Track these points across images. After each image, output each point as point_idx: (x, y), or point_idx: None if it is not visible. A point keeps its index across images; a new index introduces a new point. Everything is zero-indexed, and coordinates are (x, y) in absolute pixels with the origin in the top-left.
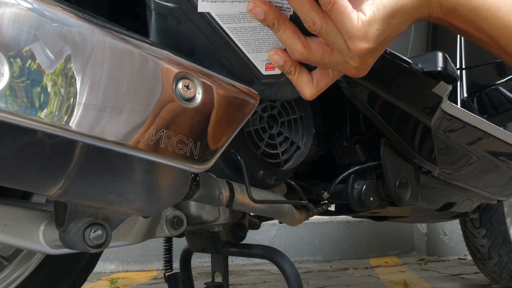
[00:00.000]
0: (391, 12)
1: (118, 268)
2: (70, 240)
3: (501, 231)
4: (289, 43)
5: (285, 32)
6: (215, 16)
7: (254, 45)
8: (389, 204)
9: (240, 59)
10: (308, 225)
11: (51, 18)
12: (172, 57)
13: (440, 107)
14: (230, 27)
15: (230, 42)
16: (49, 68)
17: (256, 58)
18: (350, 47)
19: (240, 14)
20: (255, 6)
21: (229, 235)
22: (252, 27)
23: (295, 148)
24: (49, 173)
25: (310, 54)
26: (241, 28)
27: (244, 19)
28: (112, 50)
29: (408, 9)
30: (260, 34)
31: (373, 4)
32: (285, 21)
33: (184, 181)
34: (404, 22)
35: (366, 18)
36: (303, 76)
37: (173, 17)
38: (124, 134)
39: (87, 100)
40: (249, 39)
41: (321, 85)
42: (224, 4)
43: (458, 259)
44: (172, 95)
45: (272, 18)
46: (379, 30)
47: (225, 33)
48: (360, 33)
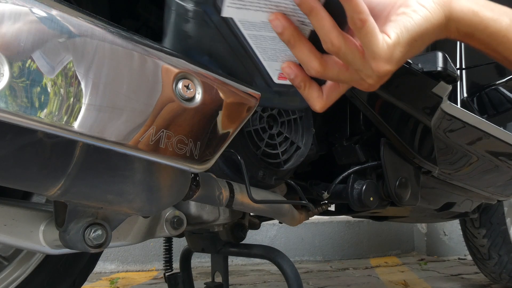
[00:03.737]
0: (414, 36)
1: (118, 268)
2: (70, 240)
3: (501, 231)
4: (304, 61)
5: (301, 50)
6: (238, 22)
7: (270, 54)
8: (389, 204)
9: (255, 65)
10: (308, 225)
11: (51, 18)
12: (172, 57)
13: (440, 107)
14: (250, 34)
15: (248, 48)
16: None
17: (271, 66)
18: (373, 67)
19: (262, 22)
20: (275, 19)
21: (229, 235)
22: (271, 36)
23: (295, 148)
24: (49, 173)
25: (326, 71)
26: (260, 36)
27: (265, 28)
28: (112, 50)
29: (429, 33)
30: (278, 44)
31: (397, 27)
32: (301, 39)
33: (184, 181)
34: (424, 44)
35: (391, 41)
36: (313, 91)
37: (195, 19)
38: (124, 134)
39: (87, 100)
40: (267, 48)
41: (331, 98)
42: (249, 11)
43: (458, 259)
44: (172, 95)
45: (289, 35)
46: (402, 52)
47: (244, 39)
48: (385, 55)
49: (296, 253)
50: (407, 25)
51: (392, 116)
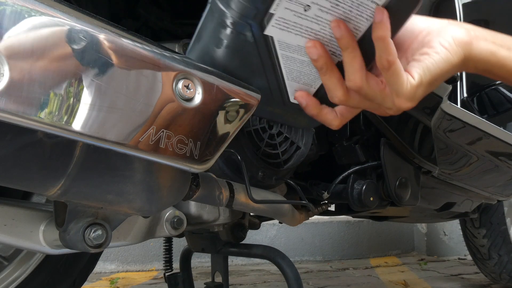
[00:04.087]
0: (435, 77)
1: (118, 268)
2: (70, 240)
3: (501, 231)
4: (331, 88)
5: (331, 78)
6: (276, 41)
7: (295, 75)
8: (389, 204)
9: (277, 82)
10: (308, 225)
11: (51, 18)
12: (172, 57)
13: (440, 107)
14: (283, 54)
15: (277, 66)
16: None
17: (291, 86)
18: (395, 103)
19: (298, 46)
20: (312, 47)
21: (229, 235)
22: (301, 60)
23: (295, 148)
24: (49, 173)
25: (348, 101)
26: (292, 58)
27: (298, 52)
28: (112, 50)
29: (448, 72)
30: (305, 68)
31: (420, 68)
32: (333, 68)
33: (184, 181)
34: (442, 81)
35: (415, 82)
36: (326, 116)
37: (236, 30)
38: (124, 134)
39: (87, 100)
40: (293, 69)
41: (346, 116)
42: (290, 34)
43: (458, 259)
44: (172, 95)
45: (322, 63)
46: (424, 91)
47: (276, 57)
48: (408, 94)
49: (296, 253)
50: (430, 66)
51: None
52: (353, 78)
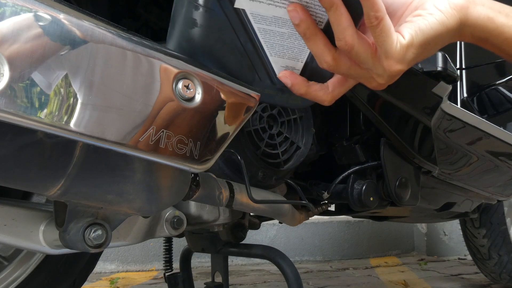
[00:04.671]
0: (428, 38)
1: (118, 268)
2: (70, 240)
3: (501, 231)
4: (319, 54)
5: (316, 43)
6: (249, 14)
7: (277, 50)
8: (389, 204)
9: (261, 60)
10: (308, 225)
11: (51, 18)
12: (172, 57)
13: (440, 107)
14: (260, 28)
15: (256, 41)
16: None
17: (276, 63)
18: (385, 66)
19: (273, 17)
20: (294, 10)
21: (229, 235)
22: (280, 32)
23: (295, 148)
24: (49, 173)
25: (338, 66)
26: (270, 31)
27: (275, 23)
28: (112, 50)
29: (443, 37)
30: (286, 41)
31: (412, 28)
32: (317, 32)
33: (184, 181)
34: (437, 47)
35: (405, 42)
36: (316, 92)
37: (206, 8)
38: (124, 134)
39: (87, 100)
40: (274, 43)
41: (337, 91)
42: (261, 4)
43: (458, 259)
44: (172, 95)
45: (305, 28)
46: (415, 54)
47: (254, 32)
48: (398, 55)
49: (296, 253)
50: (422, 27)
51: (392, 116)
52: (343, 37)
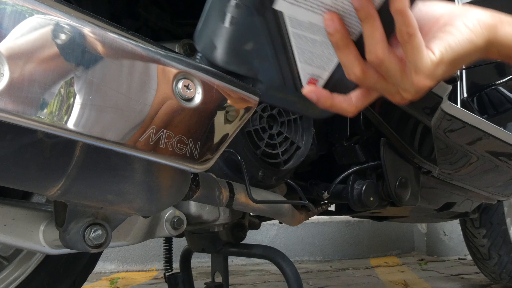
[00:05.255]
0: (457, 55)
1: (118, 268)
2: (70, 240)
3: (501, 231)
4: (348, 65)
5: (347, 54)
6: (287, 17)
7: (307, 57)
8: (389, 204)
9: (289, 65)
10: (308, 225)
11: (51, 18)
12: (172, 57)
13: (440, 107)
14: (294, 32)
15: (288, 45)
16: (49, 68)
17: (304, 70)
18: (414, 81)
19: (309, 23)
20: (330, 19)
21: (229, 235)
22: (313, 39)
23: (295, 148)
24: (49, 173)
25: (365, 79)
26: (303, 37)
27: (310, 30)
28: (112, 50)
29: (471, 54)
30: (317, 48)
31: (441, 45)
32: (349, 44)
33: (184, 181)
34: (464, 64)
35: (436, 58)
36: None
37: (245, 6)
38: (124, 134)
39: (86, 100)
40: (305, 50)
41: (360, 103)
42: (300, 9)
43: (458, 259)
44: (172, 95)
45: (338, 38)
46: (444, 70)
47: (287, 36)
48: (427, 71)
49: (296, 253)
50: (452, 44)
51: (392, 116)
52: (374, 50)
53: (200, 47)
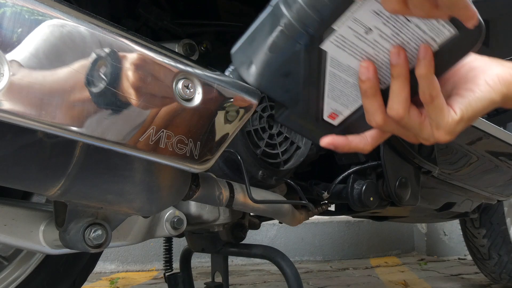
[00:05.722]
0: (476, 113)
1: (118, 268)
2: (70, 240)
3: (501, 231)
4: (371, 113)
5: (372, 103)
6: (329, 57)
7: (335, 94)
8: (389, 204)
9: (317, 97)
10: (308, 225)
11: (51, 18)
12: (172, 57)
13: None
14: (331, 71)
15: (322, 81)
16: (49, 68)
17: (328, 104)
18: (434, 135)
19: (347, 66)
20: (366, 67)
21: (229, 235)
22: (346, 80)
23: (295, 148)
24: (49, 173)
25: (385, 126)
26: (338, 76)
27: (346, 71)
28: (112, 50)
29: (489, 109)
30: (347, 88)
31: (463, 103)
32: (377, 94)
33: (184, 181)
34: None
35: (457, 117)
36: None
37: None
38: (124, 134)
39: (86, 100)
40: (336, 88)
41: (377, 140)
42: (343, 53)
43: (458, 259)
44: (172, 95)
45: (369, 86)
46: (463, 126)
47: (324, 72)
48: (448, 128)
49: (296, 253)
50: (472, 103)
51: None
52: (397, 108)
53: (237, 63)
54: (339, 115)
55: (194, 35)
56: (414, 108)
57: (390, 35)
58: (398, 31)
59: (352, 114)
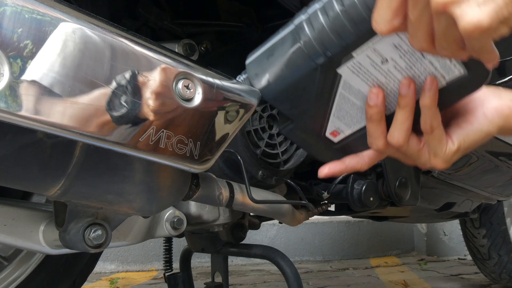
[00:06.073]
0: (473, 144)
1: (118, 268)
2: (70, 240)
3: (501, 231)
4: (373, 137)
5: (375, 128)
6: (343, 80)
7: (341, 113)
8: (389, 204)
9: (323, 115)
10: (308, 225)
11: (51, 18)
12: (172, 57)
13: None
14: (342, 93)
15: (331, 101)
16: (49, 68)
17: (333, 122)
18: (431, 162)
19: (358, 90)
20: (375, 94)
21: (229, 235)
22: (354, 103)
23: (295, 148)
24: (49, 173)
25: (386, 151)
26: (347, 98)
27: (356, 95)
28: (112, 50)
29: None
30: (353, 110)
31: (461, 134)
32: (381, 120)
33: (184, 181)
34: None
35: (454, 148)
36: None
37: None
38: (124, 134)
39: (87, 100)
40: (343, 108)
41: (373, 161)
42: (357, 78)
43: (458, 259)
44: (172, 95)
45: (374, 112)
46: (459, 156)
47: (335, 94)
48: (445, 157)
49: (296, 253)
50: (470, 135)
51: None
52: (398, 136)
53: (251, 74)
54: (341, 133)
55: (194, 35)
56: (414, 136)
57: (404, 67)
58: (412, 65)
59: (353, 133)
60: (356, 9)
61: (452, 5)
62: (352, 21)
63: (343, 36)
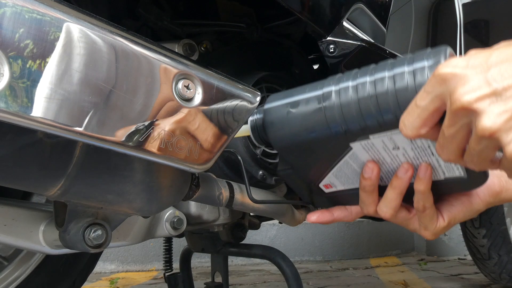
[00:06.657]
0: (461, 220)
1: (118, 268)
2: (70, 240)
3: (501, 231)
4: (365, 204)
5: (367, 197)
6: (352, 152)
7: (339, 174)
8: None
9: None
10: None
11: (51, 18)
12: (172, 57)
13: None
14: (346, 160)
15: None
16: (49, 68)
17: (329, 178)
18: (421, 233)
19: (362, 161)
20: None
21: (229, 235)
22: (353, 168)
23: None
24: (49, 173)
25: (376, 215)
26: (349, 165)
27: (357, 162)
28: (112, 51)
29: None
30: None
31: (452, 212)
32: (374, 192)
33: (184, 181)
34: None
35: (444, 224)
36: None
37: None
38: (124, 134)
39: (87, 100)
40: (342, 170)
41: (359, 216)
42: (365, 153)
43: (458, 259)
44: (172, 95)
45: (369, 185)
46: (447, 229)
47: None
48: (434, 231)
49: (296, 253)
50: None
51: None
52: (386, 211)
53: (267, 120)
54: (333, 187)
55: (194, 35)
56: (403, 209)
57: (411, 157)
58: (419, 156)
59: (344, 190)
60: (386, 99)
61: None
62: (379, 109)
63: (366, 118)
